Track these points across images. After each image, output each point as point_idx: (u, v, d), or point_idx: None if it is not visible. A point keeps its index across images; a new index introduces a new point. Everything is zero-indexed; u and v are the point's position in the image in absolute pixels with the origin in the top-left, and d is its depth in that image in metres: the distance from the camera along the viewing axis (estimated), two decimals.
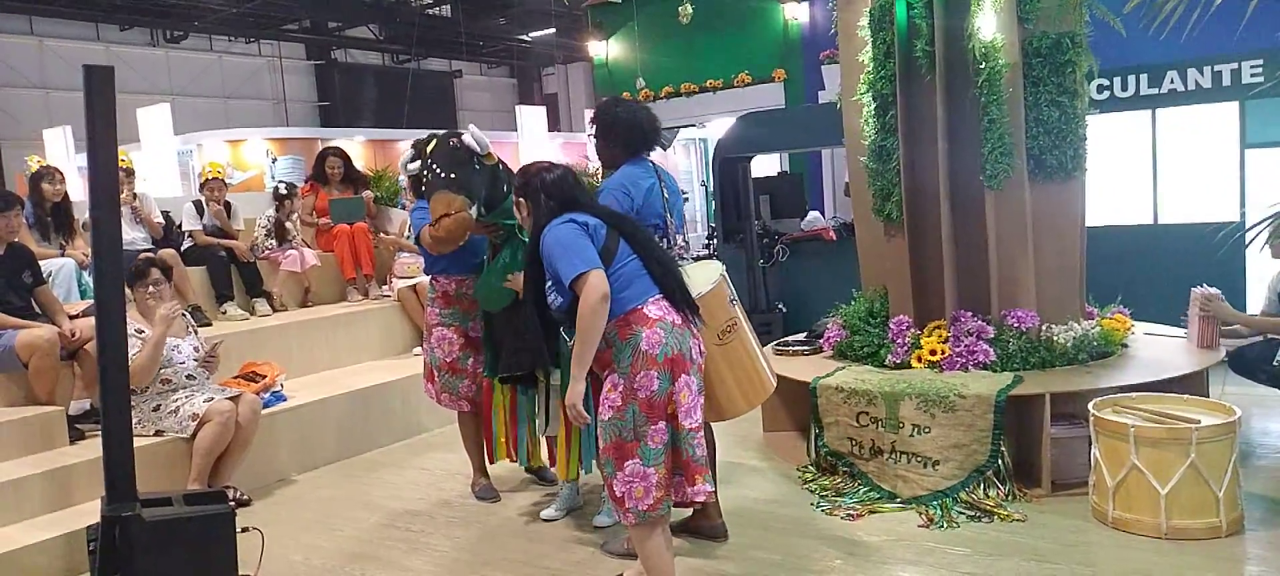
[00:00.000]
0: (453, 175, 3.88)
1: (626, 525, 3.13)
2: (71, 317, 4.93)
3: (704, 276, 3.38)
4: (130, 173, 6.67)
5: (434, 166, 3.96)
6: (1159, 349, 4.67)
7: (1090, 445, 3.81)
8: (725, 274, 3.41)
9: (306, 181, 7.98)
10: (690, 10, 10.90)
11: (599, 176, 10.45)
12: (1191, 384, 4.26)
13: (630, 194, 3.63)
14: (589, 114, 4.18)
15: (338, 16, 21.01)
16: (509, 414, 4.34)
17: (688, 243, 3.91)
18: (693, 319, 3.08)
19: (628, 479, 2.96)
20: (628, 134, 3.75)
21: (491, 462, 4.62)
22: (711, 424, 3.58)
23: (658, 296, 3.00)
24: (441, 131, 4.17)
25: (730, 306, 3.37)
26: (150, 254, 5.98)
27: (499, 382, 4.21)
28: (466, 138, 3.96)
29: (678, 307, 3.02)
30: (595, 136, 3.83)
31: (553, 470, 4.61)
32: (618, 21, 13.37)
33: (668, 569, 3.08)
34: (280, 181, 8.37)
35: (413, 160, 4.21)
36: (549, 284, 3.04)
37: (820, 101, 10.83)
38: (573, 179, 3.24)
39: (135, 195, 6.57)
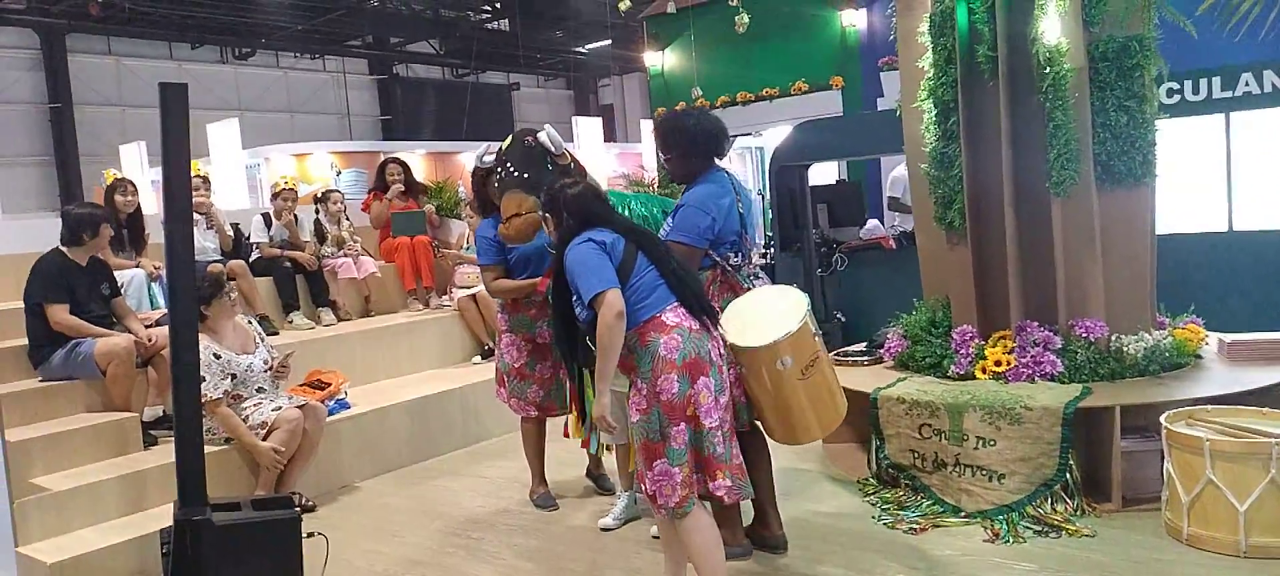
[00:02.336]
0: (526, 174, 3.90)
1: (658, 519, 3.23)
2: (146, 327, 5.10)
3: (787, 310, 3.37)
4: (206, 181, 6.88)
5: (508, 165, 3.98)
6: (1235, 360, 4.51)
7: (1162, 459, 3.70)
8: (810, 308, 3.39)
9: (370, 192, 8.14)
10: (747, 20, 10.86)
11: (655, 187, 10.49)
12: (1271, 397, 4.10)
13: (711, 214, 3.64)
14: (647, 125, 4.22)
15: (400, 32, 21.44)
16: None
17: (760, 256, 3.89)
18: (710, 323, 3.22)
19: (657, 478, 3.08)
20: (706, 142, 3.77)
21: (566, 436, 4.63)
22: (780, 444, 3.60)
23: (675, 304, 3.15)
24: (518, 129, 4.22)
25: (814, 341, 3.35)
26: (220, 265, 6.17)
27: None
28: (541, 136, 3.97)
29: (694, 314, 3.16)
30: (671, 153, 3.80)
31: (611, 478, 4.63)
32: (673, 32, 13.38)
33: (713, 548, 3.15)
34: (324, 189, 8.55)
35: (488, 153, 4.29)
36: (575, 298, 3.17)
37: (879, 108, 10.70)
38: (593, 195, 3.36)
39: (211, 203, 6.77)
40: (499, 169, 4.05)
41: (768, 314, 3.38)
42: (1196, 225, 6.08)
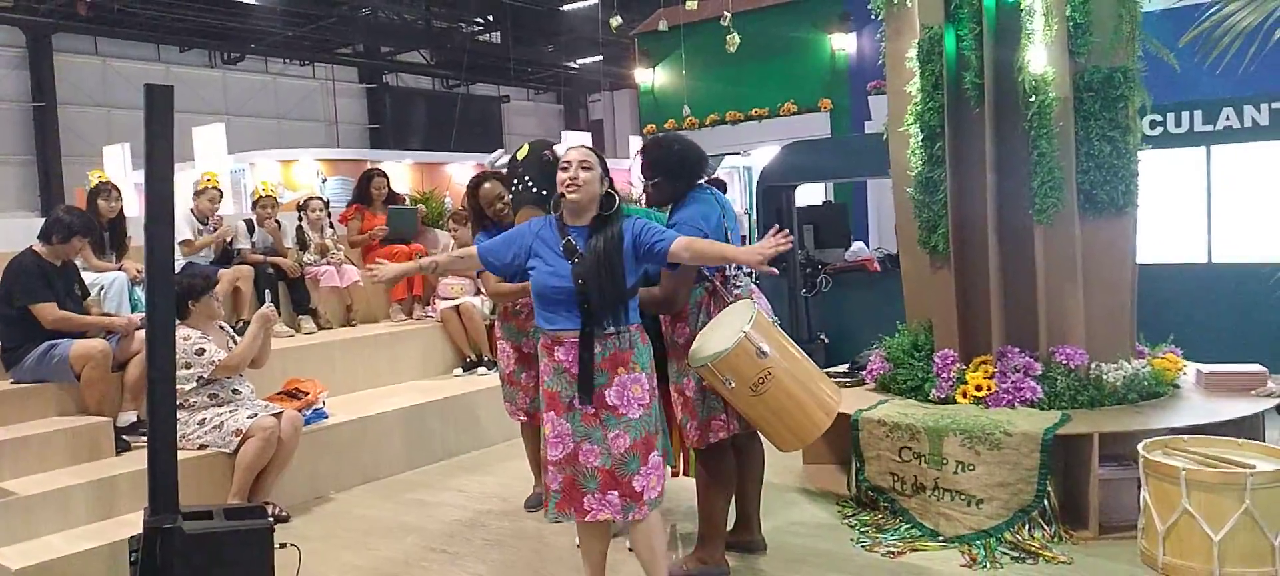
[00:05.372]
0: (543, 192, 3.80)
1: (639, 519, 3.13)
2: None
3: (726, 332, 3.27)
4: (221, 193, 6.91)
5: (525, 178, 3.87)
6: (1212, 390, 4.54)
7: (1139, 487, 3.71)
8: (750, 327, 3.22)
9: (350, 204, 8.09)
10: (737, 39, 10.91)
11: (642, 203, 10.49)
12: (1246, 427, 4.13)
13: (703, 231, 3.61)
14: (636, 142, 4.18)
15: (390, 42, 21.41)
16: None
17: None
18: None
19: (650, 470, 3.14)
20: (693, 165, 3.75)
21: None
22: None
23: None
24: (534, 140, 4.13)
25: (759, 359, 3.19)
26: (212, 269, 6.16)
27: None
28: (559, 149, 3.92)
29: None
30: (657, 177, 3.72)
31: None
32: (664, 50, 13.43)
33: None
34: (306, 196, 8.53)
35: (502, 156, 4.22)
36: (655, 246, 3.16)
37: (866, 132, 10.77)
38: None
39: (221, 218, 6.83)
40: (515, 182, 3.97)
41: (722, 333, 3.31)
42: (1177, 256, 6.14)
